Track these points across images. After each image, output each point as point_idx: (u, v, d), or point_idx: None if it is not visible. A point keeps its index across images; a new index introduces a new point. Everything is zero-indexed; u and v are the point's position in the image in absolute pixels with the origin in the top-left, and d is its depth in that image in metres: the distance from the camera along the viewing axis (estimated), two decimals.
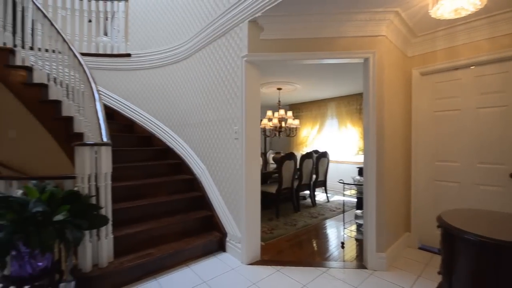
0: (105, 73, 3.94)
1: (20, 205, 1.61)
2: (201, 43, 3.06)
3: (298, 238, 3.12)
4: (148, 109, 3.91)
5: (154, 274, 2.22)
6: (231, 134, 2.62)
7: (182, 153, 3.51)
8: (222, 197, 2.81)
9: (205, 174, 3.08)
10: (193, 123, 3.29)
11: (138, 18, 3.93)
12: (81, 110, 2.68)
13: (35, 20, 2.87)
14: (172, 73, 3.62)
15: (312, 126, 6.80)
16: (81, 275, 1.93)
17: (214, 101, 2.89)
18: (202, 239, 2.62)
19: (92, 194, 1.98)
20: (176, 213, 2.87)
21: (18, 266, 1.68)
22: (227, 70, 2.67)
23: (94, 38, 3.91)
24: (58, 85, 2.84)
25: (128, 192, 2.74)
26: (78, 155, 1.95)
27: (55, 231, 1.61)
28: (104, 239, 2.05)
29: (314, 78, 4.52)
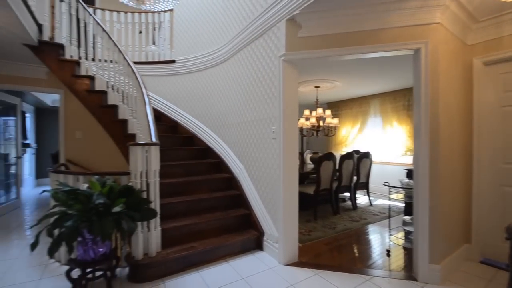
0: (153, 79, 4.29)
1: (85, 197, 1.85)
2: (239, 45, 3.13)
3: (338, 242, 2.99)
4: (190, 111, 4.15)
5: (196, 266, 2.35)
6: (268, 133, 2.63)
7: (221, 152, 3.65)
8: (259, 196, 2.84)
9: (243, 173, 3.15)
10: (231, 123, 3.39)
11: (181, 26, 4.19)
12: (134, 113, 2.96)
13: (96, 34, 3.27)
14: (211, 76, 3.78)
15: (353, 125, 6.45)
16: (134, 262, 2.14)
17: (251, 102, 2.94)
18: (240, 237, 2.68)
19: (143, 189, 2.17)
20: (216, 210, 2.99)
21: (83, 251, 1.93)
22: (264, 71, 2.68)
23: (144, 47, 4.28)
24: (115, 91, 3.18)
25: (173, 189, 2.94)
26: (132, 154, 2.16)
27: (114, 221, 1.80)
28: (153, 231, 2.24)
29: (355, 74, 4.28)
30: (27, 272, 2.27)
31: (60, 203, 1.83)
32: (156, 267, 2.16)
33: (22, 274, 2.22)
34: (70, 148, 4.11)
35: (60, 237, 1.70)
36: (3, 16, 2.37)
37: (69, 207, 1.81)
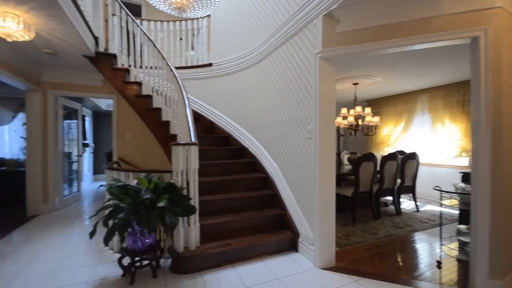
0: (192, 82, 4.52)
1: (135, 192, 2.03)
2: (273, 45, 3.14)
3: (379, 248, 2.80)
4: (226, 112, 4.28)
5: (232, 263, 2.42)
6: (304, 133, 2.58)
7: (256, 152, 3.69)
8: (294, 196, 2.80)
9: (278, 173, 3.14)
10: (266, 123, 3.41)
11: (218, 30, 4.35)
12: (175, 115, 3.17)
13: (142, 43, 3.57)
14: (246, 77, 3.85)
15: (396, 124, 5.98)
16: (176, 254, 2.28)
17: (286, 101, 2.92)
18: (275, 237, 2.68)
19: (184, 186, 2.31)
20: (251, 209, 3.03)
21: (132, 241, 2.12)
22: (300, 69, 2.64)
23: (184, 53, 4.54)
24: (159, 95, 3.44)
25: (210, 187, 3.06)
26: (174, 153, 2.31)
27: (158, 215, 1.95)
28: (193, 226, 2.36)
29: (399, 69, 3.96)
30: (86, 257, 2.58)
31: (114, 197, 2.05)
32: (195, 261, 2.28)
33: (82, 259, 2.53)
34: (121, 148, 4.56)
35: (113, 227, 1.90)
36: (67, 31, 2.73)
37: (121, 201, 2.01)
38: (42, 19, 2.43)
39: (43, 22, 2.50)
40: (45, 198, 4.12)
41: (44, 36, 2.79)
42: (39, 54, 3.36)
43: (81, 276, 2.19)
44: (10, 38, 2.37)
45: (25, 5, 2.17)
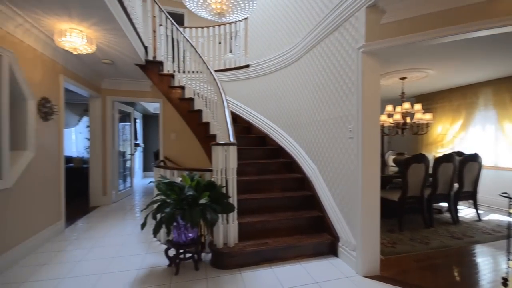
0: (230, 83, 4.67)
1: (179, 189, 2.17)
2: (311, 43, 3.06)
3: (431, 260, 2.53)
4: (262, 112, 4.32)
5: (269, 262, 2.43)
6: (344, 133, 2.47)
7: (293, 152, 3.65)
8: (334, 199, 2.70)
9: (316, 173, 3.06)
10: (303, 122, 3.35)
11: (255, 31, 4.41)
12: (215, 116, 3.30)
13: (185, 49, 3.80)
14: (283, 76, 3.83)
15: (452, 121, 5.34)
16: (216, 250, 2.38)
17: (325, 100, 2.82)
18: (313, 239, 2.61)
19: (223, 185, 2.40)
20: (287, 210, 3.01)
21: (177, 234, 2.27)
22: (340, 66, 2.53)
23: (223, 56, 4.71)
24: (200, 98, 3.63)
25: (247, 186, 3.12)
26: (214, 153, 2.41)
27: (200, 211, 2.05)
28: (231, 223, 2.43)
29: (456, 59, 3.53)
30: (138, 246, 2.84)
31: (161, 193, 2.22)
32: (234, 257, 2.35)
33: (134, 248, 2.80)
34: (167, 147, 4.93)
35: (161, 221, 2.06)
36: (122, 43, 3.05)
37: (168, 196, 2.17)
38: (101, 33, 2.76)
39: (102, 36, 2.83)
40: (104, 191, 4.67)
41: (103, 48, 3.16)
42: (99, 65, 3.82)
43: (134, 263, 2.42)
44: (76, 51, 2.74)
45: (87, 21, 2.49)
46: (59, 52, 3.13)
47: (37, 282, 2.10)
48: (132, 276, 2.20)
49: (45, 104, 2.95)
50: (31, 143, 2.70)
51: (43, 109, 2.92)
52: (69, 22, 2.49)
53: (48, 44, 2.89)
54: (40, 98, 2.87)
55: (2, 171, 2.26)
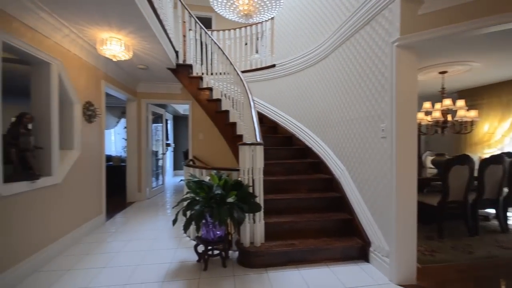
0: (256, 84, 4.69)
1: (208, 188, 2.24)
2: (339, 40, 2.96)
3: (476, 271, 2.30)
4: (289, 112, 4.28)
5: (296, 264, 2.39)
6: (376, 132, 2.35)
7: (320, 152, 3.56)
8: (364, 201, 2.58)
9: (345, 175, 2.95)
10: (331, 122, 3.25)
11: (281, 31, 4.38)
12: (241, 116, 3.35)
13: (213, 51, 3.91)
14: (310, 75, 3.75)
15: (501, 118, 4.79)
16: (242, 248, 2.41)
17: (355, 98, 2.71)
18: (342, 243, 2.52)
19: (250, 184, 2.42)
20: (315, 211, 2.94)
21: (206, 231, 2.34)
22: (372, 62, 2.41)
23: (249, 56, 4.76)
24: (227, 98, 3.71)
25: (273, 186, 3.11)
26: (241, 152, 2.45)
27: (228, 210, 2.10)
28: (258, 223, 2.45)
29: (504, 50, 3.16)
30: (169, 241, 2.99)
31: (191, 191, 2.31)
32: (260, 257, 2.35)
33: (166, 242, 2.95)
34: (195, 147, 5.11)
35: (191, 218, 2.14)
36: (156, 49, 3.22)
37: (197, 195, 2.25)
38: (137, 40, 2.95)
39: (138, 43, 3.03)
40: (139, 188, 4.98)
41: (139, 55, 3.38)
42: (135, 70, 4.08)
43: (166, 257, 2.55)
44: (115, 58, 2.95)
45: (125, 29, 2.68)
46: (100, 60, 3.41)
47: (81, 270, 2.31)
48: (164, 268, 2.32)
49: (89, 107, 3.23)
50: (77, 143, 2.98)
51: (87, 112, 3.20)
52: (109, 31, 2.70)
53: (91, 53, 3.16)
54: (85, 102, 3.16)
55: (53, 168, 2.53)
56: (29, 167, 2.24)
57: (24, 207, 2.17)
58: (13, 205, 2.05)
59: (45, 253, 2.40)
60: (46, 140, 2.48)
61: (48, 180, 2.45)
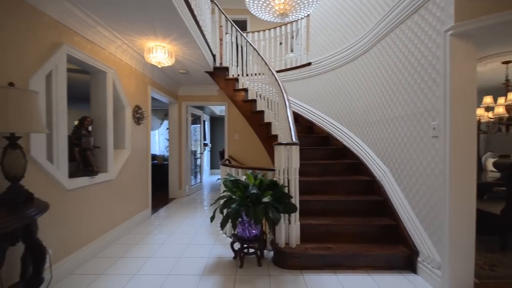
0: (291, 83, 4.64)
1: (244, 187, 2.28)
2: (381, 32, 2.77)
3: None
4: (325, 111, 4.14)
5: (333, 268, 2.30)
6: (426, 131, 2.14)
7: (359, 153, 3.37)
8: (411, 207, 2.37)
9: (388, 177, 2.75)
10: (372, 121, 3.06)
11: (317, 27, 4.27)
12: (276, 116, 3.34)
13: (248, 53, 3.97)
14: (348, 72, 3.58)
15: None
16: (277, 248, 2.40)
17: (400, 94, 2.51)
18: (385, 250, 2.35)
19: (285, 184, 2.40)
20: (353, 215, 2.80)
21: (242, 230, 2.38)
22: (421, 54, 2.20)
23: (284, 56, 4.73)
24: (262, 99, 3.74)
25: (308, 187, 3.04)
26: (276, 152, 2.44)
27: (263, 209, 2.11)
28: (293, 224, 2.42)
29: None
30: (207, 236, 3.12)
31: (228, 189, 2.38)
32: (296, 258, 2.32)
33: (204, 238, 3.09)
34: (231, 147, 5.26)
35: (227, 216, 2.21)
36: (195, 54, 3.40)
37: (233, 193, 2.31)
38: (179, 47, 3.14)
39: (180, 49, 3.22)
40: (180, 185, 5.31)
41: (180, 60, 3.60)
42: (177, 75, 4.36)
43: (204, 252, 2.67)
44: (160, 65, 3.19)
45: (168, 37, 2.87)
46: (147, 67, 3.72)
47: (131, 258, 2.54)
48: (203, 263, 2.43)
49: (138, 110, 3.55)
50: (128, 143, 3.30)
51: (136, 115, 3.52)
52: (155, 39, 2.92)
53: (139, 61, 3.46)
54: (134, 106, 3.48)
55: (108, 165, 2.83)
56: (89, 164, 2.55)
57: (84, 199, 2.47)
58: (76, 198, 2.35)
59: (102, 241, 2.70)
60: (102, 140, 2.80)
61: (105, 176, 2.76)
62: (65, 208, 2.21)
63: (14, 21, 1.74)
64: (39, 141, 1.91)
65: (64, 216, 2.19)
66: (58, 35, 2.13)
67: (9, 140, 1.52)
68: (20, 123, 1.47)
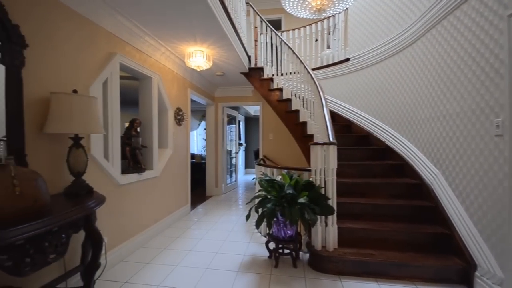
0: (327, 81, 4.49)
1: (279, 187, 2.28)
2: (430, 22, 2.52)
3: None
4: (365, 108, 3.91)
5: (374, 276, 2.17)
6: (487, 129, 1.88)
7: (404, 153, 3.11)
8: (468, 215, 2.11)
9: (439, 181, 2.48)
10: (420, 118, 2.80)
11: (356, 21, 4.05)
12: (312, 115, 3.26)
13: (283, 52, 3.95)
14: (391, 66, 3.33)
15: None
16: (314, 251, 2.34)
17: (454, 88, 2.25)
18: (435, 261, 2.13)
19: (322, 185, 2.33)
20: (397, 220, 2.59)
21: (277, 230, 2.38)
22: (479, 42, 1.95)
23: (319, 53, 4.59)
24: (297, 98, 3.68)
25: (346, 189, 2.89)
26: (313, 152, 2.38)
27: (299, 210, 2.08)
28: (331, 227, 2.33)
29: None
30: (242, 234, 3.18)
31: (263, 189, 2.39)
32: (333, 262, 2.24)
33: (239, 235, 3.16)
34: (266, 147, 5.28)
35: (263, 215, 2.22)
36: (231, 56, 3.49)
37: (269, 193, 2.32)
38: (216, 50, 3.26)
39: (217, 52, 3.34)
40: (216, 183, 5.51)
41: (217, 63, 3.73)
42: (213, 77, 4.53)
43: (240, 249, 2.73)
44: (199, 68, 3.34)
45: (207, 42, 3.00)
46: (187, 71, 3.93)
47: (173, 250, 2.72)
48: (238, 259, 2.49)
49: (179, 112, 3.78)
50: (170, 143, 3.54)
51: (177, 116, 3.75)
52: (194, 45, 3.08)
53: (180, 66, 3.68)
54: (176, 108, 3.71)
55: (154, 163, 3.07)
56: (137, 162, 2.80)
57: (134, 194, 2.71)
58: (127, 192, 2.60)
59: (148, 232, 2.94)
60: (149, 140, 3.04)
61: (151, 173, 3.00)
62: (118, 201, 2.46)
63: (79, 36, 2.00)
64: (98, 141, 2.16)
65: (117, 208, 2.44)
66: (112, 46, 2.38)
67: (74, 140, 1.74)
68: (83, 125, 1.68)
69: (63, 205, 1.52)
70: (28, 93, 1.59)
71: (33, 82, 1.63)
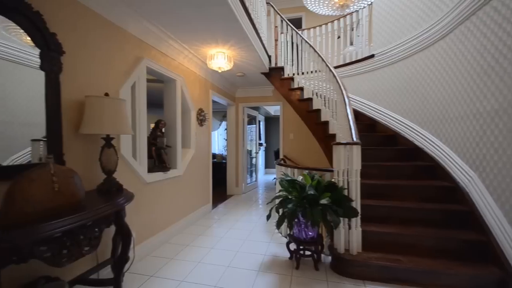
0: (350, 79, 4.34)
1: (300, 187, 2.25)
2: (467, 10, 2.34)
3: None
4: (391, 107, 3.73)
5: (402, 284, 2.06)
6: None
7: (435, 154, 2.92)
8: (507, 220, 1.93)
9: (476, 184, 2.30)
10: (454, 116, 2.61)
11: (381, 15, 3.88)
12: (334, 115, 3.18)
13: (304, 50, 3.89)
14: (419, 61, 3.14)
15: None
16: (336, 254, 2.28)
17: (492, 83, 2.07)
18: (470, 269, 1.98)
19: (344, 187, 2.26)
20: (427, 225, 2.44)
21: (298, 231, 2.35)
22: None
23: (342, 50, 4.46)
24: (318, 97, 3.61)
25: (371, 190, 2.78)
26: (335, 153, 2.32)
27: (320, 212, 2.04)
28: (354, 229, 2.26)
29: None
30: (263, 234, 3.19)
31: (284, 189, 2.38)
32: (357, 267, 2.16)
33: (260, 235, 3.16)
34: (286, 146, 5.24)
35: (283, 215, 2.21)
36: (252, 57, 3.50)
37: (290, 193, 2.30)
38: (237, 51, 3.30)
39: (237, 54, 3.38)
40: (236, 183, 5.57)
41: (238, 64, 3.77)
42: (234, 78, 4.58)
43: (260, 249, 2.74)
44: (220, 70, 3.40)
45: (228, 43, 3.04)
46: (208, 72, 4.02)
47: (196, 247, 2.79)
48: (259, 259, 2.49)
49: (201, 113, 3.88)
50: (193, 143, 3.64)
51: (199, 117, 3.84)
52: (216, 46, 3.14)
53: (202, 67, 3.77)
54: (198, 109, 3.81)
55: (177, 163, 3.17)
56: (163, 161, 2.91)
57: (159, 192, 2.83)
58: (153, 190, 2.71)
59: (172, 229, 3.05)
60: (173, 140, 3.16)
61: (175, 172, 3.10)
62: (145, 199, 2.58)
63: (109, 42, 2.12)
64: (127, 141, 2.28)
65: (144, 205, 2.56)
66: (140, 51, 2.50)
67: (106, 141, 1.85)
68: (114, 126, 1.78)
69: (96, 201, 1.62)
70: (65, 97, 1.72)
71: (69, 86, 1.76)
